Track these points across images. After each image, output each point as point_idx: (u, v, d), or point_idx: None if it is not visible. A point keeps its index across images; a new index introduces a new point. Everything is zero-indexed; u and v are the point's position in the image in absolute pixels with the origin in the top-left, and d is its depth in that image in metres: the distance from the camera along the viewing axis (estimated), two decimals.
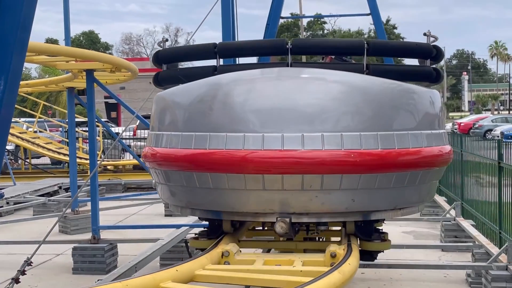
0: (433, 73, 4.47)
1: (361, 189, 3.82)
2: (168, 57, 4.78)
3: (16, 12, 2.76)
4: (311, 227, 4.55)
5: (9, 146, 20.49)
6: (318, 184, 3.74)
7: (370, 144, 3.75)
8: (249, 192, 3.85)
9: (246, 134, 3.76)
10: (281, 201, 3.84)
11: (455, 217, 8.37)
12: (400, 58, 8.00)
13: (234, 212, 4.06)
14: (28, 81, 12.18)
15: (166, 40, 4.81)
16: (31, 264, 5.78)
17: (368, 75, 4.10)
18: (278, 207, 3.86)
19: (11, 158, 20.25)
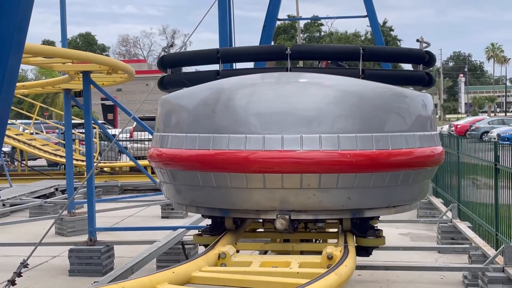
0: (426, 78, 4.64)
1: (357, 188, 3.97)
2: (173, 62, 4.93)
3: (13, 13, 2.75)
4: (309, 224, 4.71)
5: (6, 148, 20.47)
6: (316, 183, 3.88)
7: (365, 145, 3.89)
8: (251, 191, 4.00)
9: (248, 136, 3.90)
10: (281, 199, 3.98)
11: (452, 219, 8.38)
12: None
13: (237, 210, 4.21)
14: (25, 83, 12.17)
15: (171, 46, 5.02)
16: (27, 266, 5.76)
17: (364, 80, 4.26)
18: (278, 205, 4.00)
19: (8, 160, 20.21)
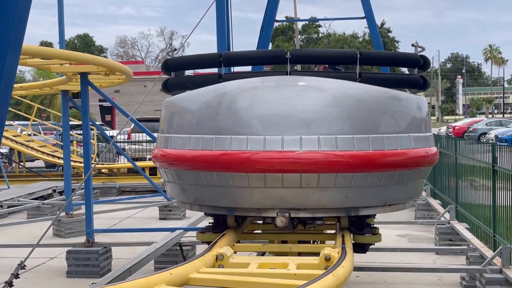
0: (420, 81, 4.78)
1: (354, 187, 4.11)
2: (177, 65, 5.08)
3: (11, 12, 2.75)
4: (308, 222, 4.83)
5: (3, 149, 20.46)
6: (315, 182, 4.02)
7: (362, 146, 4.03)
8: (252, 190, 4.15)
9: (249, 137, 4.04)
10: (281, 198, 4.12)
11: (450, 220, 8.38)
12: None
13: (238, 208, 4.37)
14: (22, 84, 12.16)
15: (175, 50, 5.17)
16: (25, 268, 5.76)
17: (361, 83, 4.40)
18: (279, 203, 4.15)
19: (5, 161, 20.19)
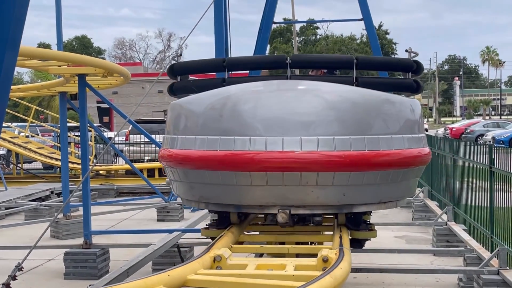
0: (414, 85, 5.01)
1: (351, 185, 4.31)
2: (182, 70, 5.29)
3: (9, 10, 2.75)
4: (307, 219, 5.04)
5: (1, 151, 20.43)
6: (314, 181, 4.22)
7: (358, 146, 4.24)
8: (255, 188, 4.35)
9: (252, 138, 4.24)
10: (282, 195, 4.33)
11: (447, 222, 8.40)
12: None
13: (242, 205, 4.58)
14: (20, 86, 12.16)
15: (180, 55, 5.39)
16: (22, 269, 5.76)
17: (357, 87, 4.62)
18: (279, 200, 4.35)
19: (3, 163, 20.17)
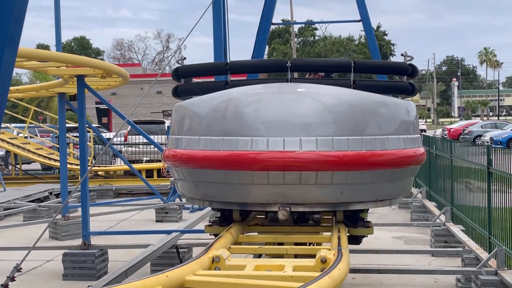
0: (409, 87, 5.19)
1: (349, 184, 4.46)
2: (186, 73, 5.44)
3: (8, 6, 2.74)
4: (307, 216, 5.19)
5: (0, 152, 20.40)
6: (313, 179, 4.36)
7: (356, 147, 4.38)
8: (256, 186, 4.49)
9: (254, 138, 4.38)
10: (283, 193, 4.47)
11: (445, 223, 8.41)
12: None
13: (244, 203, 4.72)
14: (19, 87, 12.14)
15: (185, 58, 5.47)
16: (21, 270, 5.76)
17: (355, 90, 4.76)
18: (280, 198, 4.49)
19: (1, 164, 20.14)
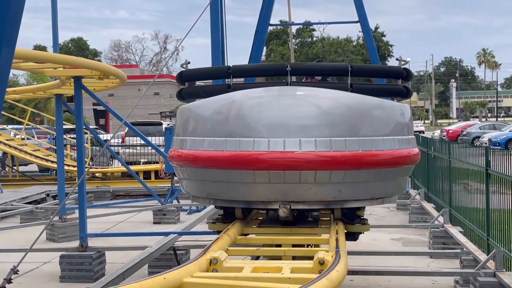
0: (404, 90, 5.42)
1: (346, 183, 4.64)
2: (190, 76, 5.65)
3: (5, 5, 2.73)
4: (306, 214, 5.41)
5: None
6: (312, 178, 4.54)
7: (353, 147, 4.55)
8: (258, 185, 4.67)
9: (256, 139, 4.55)
10: (283, 192, 4.65)
11: (443, 224, 8.40)
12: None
13: (246, 201, 4.91)
14: (16, 88, 12.10)
15: (189, 63, 5.65)
16: (18, 272, 5.73)
17: (352, 93, 4.98)
18: (281, 196, 4.68)
19: None
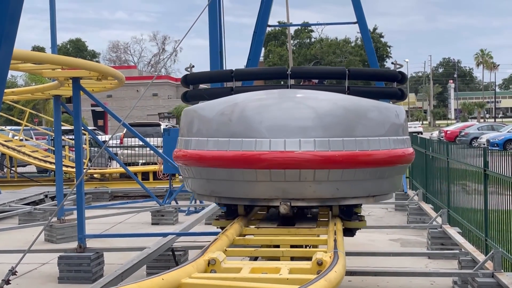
0: (399, 93, 5.64)
1: (344, 181, 4.82)
2: (195, 80, 5.88)
3: (4, 3, 2.72)
4: (305, 211, 5.59)
5: None
6: (311, 177, 4.72)
7: (350, 147, 4.74)
8: (260, 183, 4.84)
9: (257, 140, 4.72)
10: (284, 189, 4.84)
11: (442, 225, 8.41)
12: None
13: (248, 198, 5.08)
14: (14, 89, 12.08)
15: (193, 66, 5.86)
16: (16, 273, 5.74)
17: (349, 95, 5.17)
18: (281, 194, 4.86)
19: None
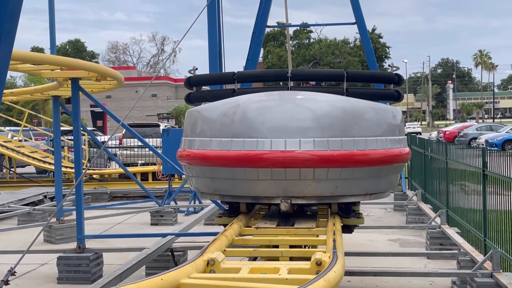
0: (395, 94, 5.78)
1: (342, 179, 4.96)
2: (198, 82, 6.03)
3: (3, 3, 2.72)
4: (305, 209, 5.73)
5: None
6: (311, 175, 4.86)
7: (348, 147, 4.88)
8: (261, 182, 4.98)
9: (259, 139, 4.86)
10: (284, 188, 4.98)
11: (440, 225, 8.41)
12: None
13: (250, 196, 5.22)
14: (13, 90, 12.09)
15: (196, 69, 5.98)
16: (15, 274, 5.73)
17: (347, 97, 5.32)
18: (282, 192, 5.00)
19: None
